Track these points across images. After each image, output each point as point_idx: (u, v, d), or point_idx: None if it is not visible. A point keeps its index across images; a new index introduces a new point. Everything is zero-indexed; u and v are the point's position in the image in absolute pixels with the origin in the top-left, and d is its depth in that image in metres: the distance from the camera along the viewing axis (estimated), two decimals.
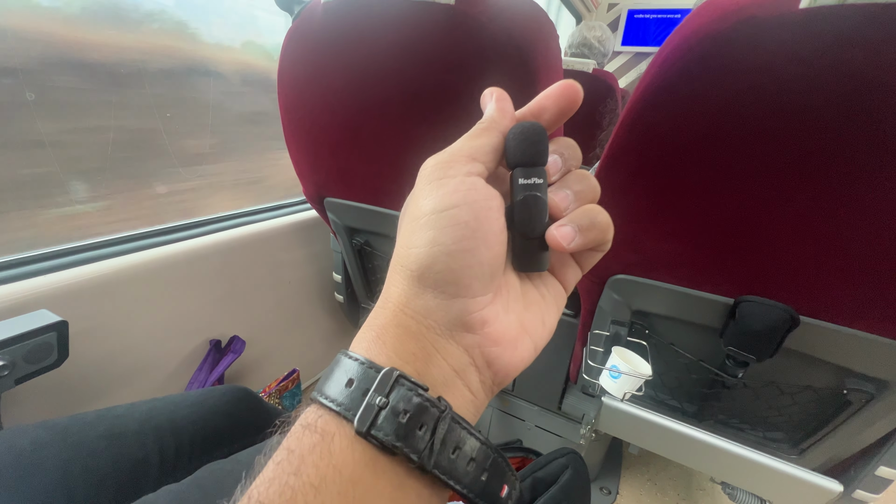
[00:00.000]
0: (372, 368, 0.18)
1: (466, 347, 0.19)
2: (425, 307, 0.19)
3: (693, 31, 0.41)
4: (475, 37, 0.52)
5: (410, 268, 0.19)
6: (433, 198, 0.19)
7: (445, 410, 0.17)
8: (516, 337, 0.21)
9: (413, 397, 0.17)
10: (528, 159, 0.20)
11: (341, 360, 0.19)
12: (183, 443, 0.49)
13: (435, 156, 0.21)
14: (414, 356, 0.18)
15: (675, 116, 0.45)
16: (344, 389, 0.18)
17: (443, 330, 0.19)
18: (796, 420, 0.64)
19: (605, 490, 1.06)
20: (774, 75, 0.38)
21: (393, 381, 0.17)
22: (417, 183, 0.20)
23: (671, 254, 0.55)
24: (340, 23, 0.59)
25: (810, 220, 0.44)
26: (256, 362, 1.07)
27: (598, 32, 1.59)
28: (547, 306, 0.23)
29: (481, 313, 0.19)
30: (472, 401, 0.20)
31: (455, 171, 0.19)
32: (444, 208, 0.19)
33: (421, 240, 0.18)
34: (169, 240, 0.82)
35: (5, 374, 0.54)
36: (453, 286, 0.19)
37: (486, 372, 0.20)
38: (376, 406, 0.17)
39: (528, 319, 0.21)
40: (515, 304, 0.21)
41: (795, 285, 0.49)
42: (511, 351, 0.20)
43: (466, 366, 0.19)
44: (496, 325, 0.20)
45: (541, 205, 0.20)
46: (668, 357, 0.68)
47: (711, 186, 0.47)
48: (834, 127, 0.39)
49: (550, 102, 0.21)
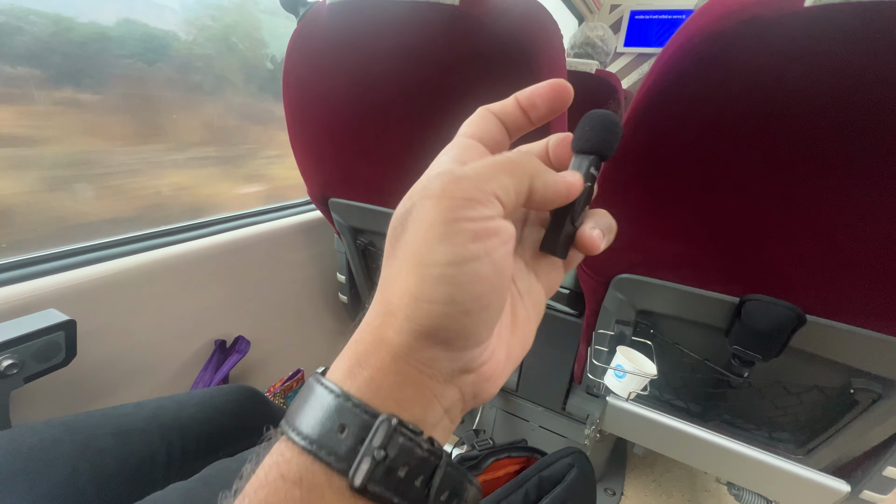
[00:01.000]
0: (368, 415, 0.16)
1: (461, 387, 0.18)
2: (431, 358, 0.17)
3: (696, 31, 0.42)
4: (479, 37, 0.52)
5: (421, 323, 0.16)
6: (451, 246, 0.16)
7: (443, 458, 0.17)
8: (504, 368, 0.20)
9: (414, 448, 0.16)
10: (599, 148, 0.19)
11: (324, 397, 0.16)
12: (189, 441, 0.50)
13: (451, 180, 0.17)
14: (411, 402, 0.17)
15: (679, 116, 0.45)
16: (336, 436, 0.15)
17: (444, 377, 0.18)
18: (802, 420, 0.64)
19: (609, 491, 1.06)
20: (779, 74, 0.38)
21: (391, 431, 0.15)
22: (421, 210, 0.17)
23: (676, 253, 0.55)
24: (345, 24, 0.59)
25: (816, 218, 0.44)
26: (261, 362, 1.07)
27: (601, 32, 1.59)
28: (531, 324, 0.22)
29: (482, 356, 0.18)
30: (449, 429, 0.19)
31: (478, 214, 0.16)
32: (464, 261, 0.16)
33: (435, 295, 0.16)
34: (174, 240, 0.83)
35: (14, 372, 0.54)
36: (464, 340, 0.17)
37: (471, 402, 0.20)
38: (375, 459, 0.15)
39: (513, 344, 0.21)
40: (505, 331, 0.20)
41: (801, 284, 0.49)
42: (497, 381, 0.20)
43: (456, 402, 0.19)
44: (491, 361, 0.19)
45: (588, 197, 0.20)
46: (673, 357, 0.68)
47: (716, 185, 0.47)
48: (840, 125, 0.39)
49: (541, 101, 0.20)
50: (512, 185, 0.17)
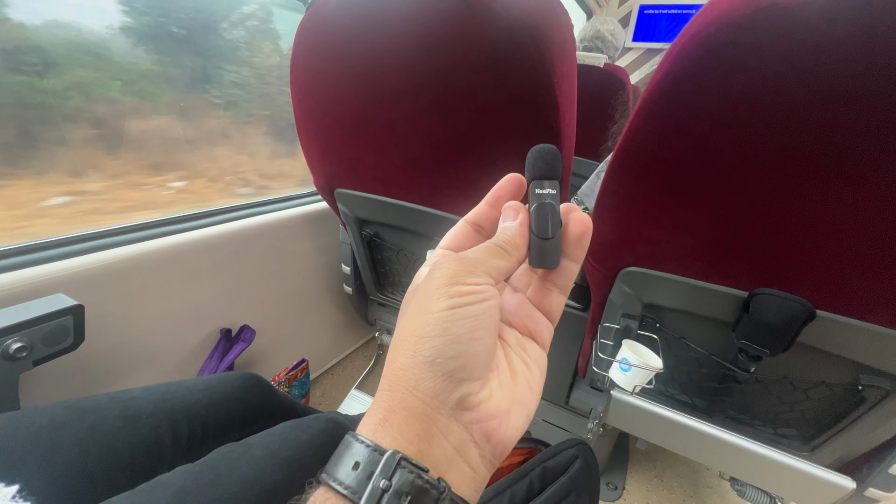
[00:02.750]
0: (377, 451, 0.19)
1: (465, 425, 0.21)
2: (433, 389, 0.20)
3: (713, 19, 0.41)
4: (490, 26, 0.51)
5: (424, 353, 0.20)
6: (447, 299, 0.21)
7: (444, 492, 0.19)
8: (509, 409, 0.22)
9: (415, 480, 0.18)
10: (543, 174, 0.24)
11: (350, 443, 0.20)
12: (196, 426, 0.50)
13: (456, 260, 0.22)
14: (418, 437, 0.20)
15: (692, 106, 0.44)
16: (351, 472, 0.19)
17: (446, 410, 0.20)
18: (809, 416, 0.64)
19: (611, 485, 1.06)
20: (797, 63, 0.38)
21: (396, 464, 0.18)
22: (431, 279, 0.22)
23: (685, 246, 0.54)
24: (353, 13, 0.59)
25: (829, 211, 0.43)
26: (266, 351, 1.08)
27: (611, 26, 1.58)
28: (531, 374, 0.24)
29: (480, 394, 0.21)
30: (472, 477, 0.21)
31: (470, 281, 0.21)
32: (458, 306, 0.21)
33: (435, 330, 0.20)
34: (182, 228, 0.83)
35: (23, 355, 0.55)
36: (461, 371, 0.20)
37: (486, 446, 0.21)
38: (380, 489, 0.18)
39: (517, 390, 0.23)
40: (505, 378, 0.23)
41: (812, 278, 0.48)
42: (506, 423, 0.22)
43: (466, 442, 0.21)
44: (491, 401, 0.22)
45: (554, 212, 0.24)
46: (679, 351, 0.67)
47: (727, 177, 0.46)
48: (857, 117, 0.38)
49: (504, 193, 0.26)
50: (505, 267, 0.23)
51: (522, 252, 0.24)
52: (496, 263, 0.23)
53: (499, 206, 0.25)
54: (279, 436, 0.49)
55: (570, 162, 0.64)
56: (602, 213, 0.59)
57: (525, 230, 0.24)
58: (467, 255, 0.23)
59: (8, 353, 0.53)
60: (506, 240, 0.24)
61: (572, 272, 0.25)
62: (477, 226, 0.26)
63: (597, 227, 0.61)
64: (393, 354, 0.22)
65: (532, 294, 0.26)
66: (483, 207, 0.26)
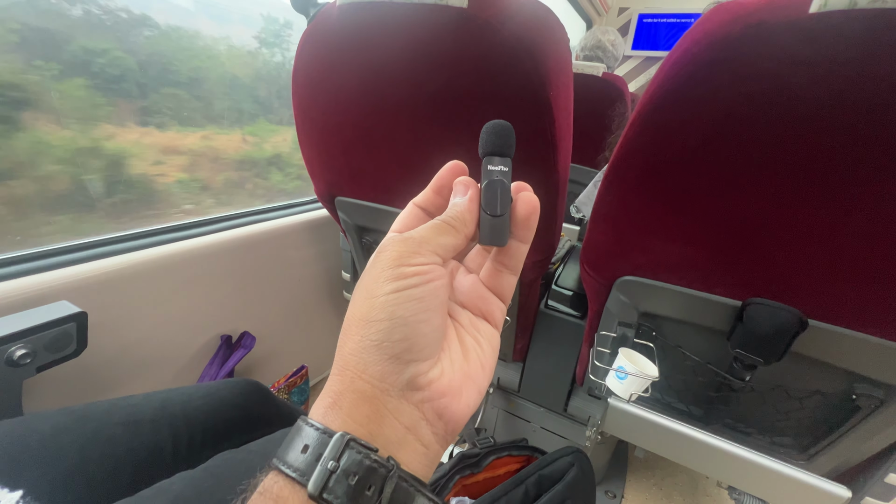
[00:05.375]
0: (326, 434, 0.19)
1: (417, 404, 0.21)
2: (381, 372, 0.20)
3: (703, 35, 0.42)
4: (487, 40, 0.52)
5: (371, 338, 0.20)
6: (392, 282, 0.21)
7: (392, 470, 0.19)
8: (461, 386, 0.23)
9: (363, 459, 0.18)
10: (496, 150, 0.24)
11: (300, 427, 0.20)
12: (195, 432, 0.51)
13: (400, 241, 0.22)
14: (367, 418, 0.20)
15: (684, 119, 0.45)
16: (300, 455, 0.19)
17: (396, 392, 0.20)
18: (804, 425, 0.64)
19: (609, 494, 1.06)
20: (783, 80, 0.39)
21: (344, 445, 0.18)
22: (377, 262, 0.22)
23: (679, 255, 0.55)
24: (355, 25, 0.60)
25: (819, 222, 0.44)
26: (266, 358, 1.08)
27: (612, 36, 1.60)
28: (483, 351, 0.25)
29: (430, 373, 0.21)
30: (424, 453, 0.21)
31: (416, 261, 0.21)
32: (403, 288, 0.20)
33: (382, 313, 0.20)
34: (183, 236, 0.84)
35: (27, 361, 0.55)
36: (408, 352, 0.20)
37: (438, 423, 0.22)
38: (328, 470, 0.18)
39: (469, 368, 0.23)
40: (457, 356, 0.24)
41: (804, 288, 0.49)
42: (458, 400, 0.22)
43: (418, 421, 0.21)
44: (442, 379, 0.22)
45: (504, 188, 0.24)
46: (675, 359, 0.68)
47: (720, 189, 0.47)
48: (844, 130, 0.39)
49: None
50: (452, 243, 0.23)
51: (471, 228, 0.24)
52: (443, 241, 0.22)
53: (443, 193, 0.25)
54: (278, 442, 0.49)
55: (566, 172, 0.65)
56: (598, 223, 0.60)
57: (474, 206, 0.24)
58: (412, 234, 0.22)
59: (12, 359, 0.54)
60: (454, 216, 0.23)
61: (521, 252, 0.25)
62: (425, 210, 0.26)
63: (593, 236, 0.62)
64: (342, 339, 0.22)
65: (484, 275, 0.26)
66: (429, 194, 0.26)
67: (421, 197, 0.26)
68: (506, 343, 0.95)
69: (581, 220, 1.25)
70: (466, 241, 0.24)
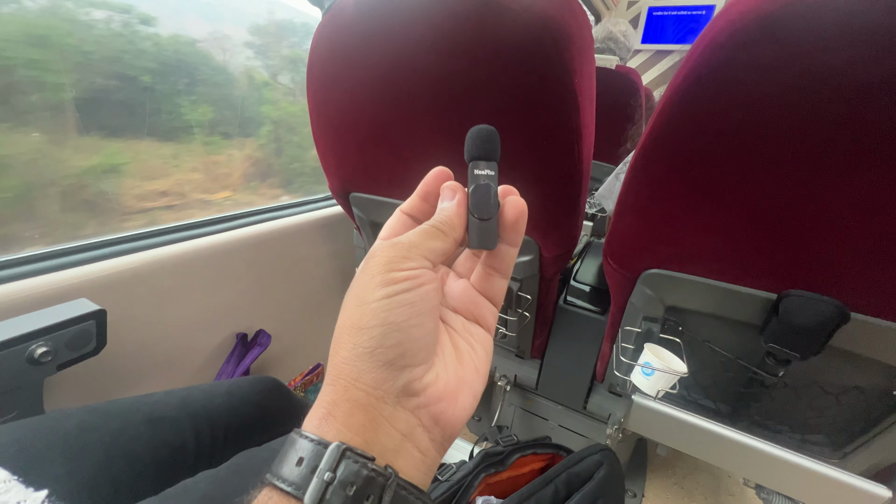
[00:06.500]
0: (321, 445, 0.18)
1: (413, 410, 0.21)
2: (375, 380, 0.20)
3: (739, 15, 0.40)
4: (509, 26, 0.51)
5: (364, 345, 0.20)
6: (383, 287, 0.20)
7: (391, 479, 0.19)
8: (456, 390, 0.22)
9: (360, 469, 0.18)
10: (483, 154, 0.24)
11: (294, 440, 0.19)
12: (217, 430, 0.50)
13: (389, 246, 0.22)
14: (363, 427, 0.19)
15: (719, 103, 0.43)
16: (295, 468, 0.18)
17: (391, 399, 0.20)
18: (840, 422, 0.62)
19: (630, 492, 1.04)
20: (830, 56, 0.37)
21: (340, 455, 0.18)
22: (367, 269, 0.22)
23: (710, 247, 0.53)
24: (371, 16, 0.59)
25: (862, 209, 0.42)
26: (281, 356, 1.08)
27: (623, 27, 1.57)
28: (477, 355, 0.25)
29: (425, 378, 0.21)
30: (422, 461, 0.21)
31: (406, 266, 0.21)
32: (394, 294, 0.20)
33: (374, 320, 0.20)
34: (199, 233, 0.84)
35: (48, 359, 0.55)
36: (402, 358, 0.20)
37: (435, 429, 0.22)
38: (325, 482, 0.17)
39: (464, 372, 0.23)
40: (451, 360, 0.23)
41: (846, 279, 0.47)
42: (454, 404, 0.22)
43: (414, 427, 0.21)
44: (437, 384, 0.22)
45: (492, 192, 0.24)
46: (703, 355, 0.66)
47: (756, 175, 0.45)
48: (889, 111, 0.37)
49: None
50: (442, 248, 0.23)
51: (459, 232, 0.24)
52: (432, 245, 0.22)
53: (429, 200, 0.25)
54: None
55: (588, 163, 0.64)
56: (623, 215, 0.58)
57: (462, 210, 0.24)
58: (402, 239, 0.22)
59: (33, 357, 0.54)
60: (442, 220, 0.23)
61: (511, 256, 0.25)
62: (412, 217, 0.26)
63: (618, 228, 0.60)
64: (334, 348, 0.21)
65: (475, 280, 0.26)
66: (415, 200, 0.26)
67: (408, 203, 0.26)
68: (524, 340, 0.94)
69: (595, 215, 1.23)
70: (455, 246, 0.24)
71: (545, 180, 0.59)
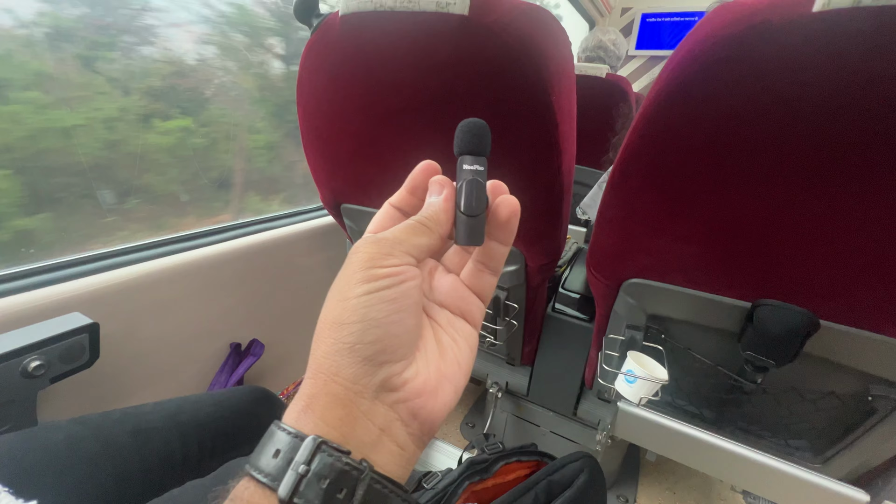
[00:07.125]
0: (297, 437, 0.19)
1: (391, 405, 0.21)
2: (354, 375, 0.20)
3: (706, 36, 0.42)
4: (488, 45, 0.53)
5: (344, 341, 0.20)
6: (364, 284, 0.20)
7: (365, 472, 0.19)
8: (437, 385, 0.22)
9: (335, 462, 0.18)
10: (472, 149, 0.24)
11: (273, 432, 0.20)
12: (206, 440, 0.51)
13: (372, 242, 0.22)
14: (340, 421, 0.20)
15: (689, 119, 0.45)
16: (271, 460, 0.19)
17: (369, 393, 0.20)
18: (819, 427, 0.63)
19: (622, 498, 1.04)
20: (788, 79, 0.38)
21: (315, 448, 0.18)
22: (349, 264, 0.21)
23: (687, 257, 0.54)
24: (357, 34, 0.61)
25: (829, 221, 0.44)
26: (275, 365, 1.09)
27: (613, 36, 1.59)
28: (460, 350, 0.24)
29: (405, 374, 0.21)
30: (400, 454, 0.21)
31: (389, 262, 0.21)
32: (375, 290, 0.20)
33: (354, 316, 0.20)
34: (191, 245, 0.85)
35: (41, 372, 0.56)
36: (381, 354, 0.20)
37: (413, 424, 0.22)
38: (299, 474, 0.18)
39: (445, 367, 0.23)
40: (433, 355, 0.23)
41: (815, 288, 0.48)
42: (433, 400, 0.22)
43: (392, 422, 0.21)
44: (417, 379, 0.22)
45: (481, 187, 0.23)
46: (686, 362, 0.67)
47: (727, 189, 0.47)
48: (851, 129, 0.38)
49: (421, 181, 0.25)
50: (426, 244, 0.22)
51: (446, 228, 0.23)
52: (417, 241, 0.22)
53: (417, 194, 0.25)
54: None
55: (570, 176, 0.65)
56: (603, 225, 0.60)
57: (450, 205, 0.24)
58: (385, 235, 0.22)
59: (27, 371, 0.55)
60: (428, 216, 0.23)
61: (501, 254, 0.25)
62: (400, 210, 0.26)
63: (599, 238, 0.62)
64: (315, 343, 0.21)
65: (465, 275, 0.26)
66: (403, 194, 0.26)
67: (396, 197, 0.26)
68: (514, 347, 0.95)
69: (587, 222, 1.24)
70: (442, 241, 0.23)
71: (527, 193, 0.60)
